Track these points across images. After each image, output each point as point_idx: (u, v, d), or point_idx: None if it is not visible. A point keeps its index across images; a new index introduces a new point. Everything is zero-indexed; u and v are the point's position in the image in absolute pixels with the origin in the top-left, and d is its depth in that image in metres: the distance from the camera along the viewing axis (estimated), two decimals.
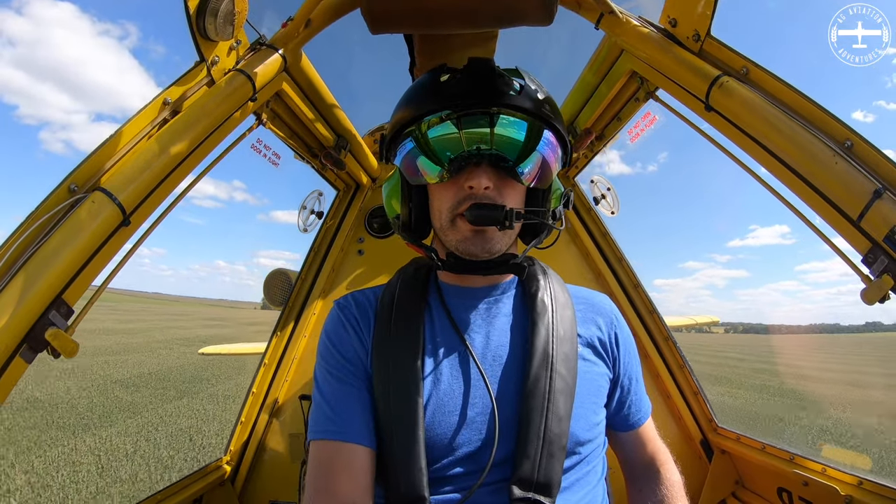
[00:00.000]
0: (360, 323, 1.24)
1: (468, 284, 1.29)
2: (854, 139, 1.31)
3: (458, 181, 1.17)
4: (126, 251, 1.40)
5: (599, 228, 2.96)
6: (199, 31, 1.46)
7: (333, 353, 1.21)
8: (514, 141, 1.16)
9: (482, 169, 1.14)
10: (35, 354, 1.17)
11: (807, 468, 2.14)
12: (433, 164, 1.17)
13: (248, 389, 2.83)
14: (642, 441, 1.39)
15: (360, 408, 1.13)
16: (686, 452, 2.79)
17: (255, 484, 2.82)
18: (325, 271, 2.96)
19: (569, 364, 1.17)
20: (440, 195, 1.21)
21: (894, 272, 1.21)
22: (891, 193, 1.22)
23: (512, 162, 1.15)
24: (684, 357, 2.77)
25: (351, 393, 1.15)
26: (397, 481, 1.05)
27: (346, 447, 1.08)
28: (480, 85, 1.19)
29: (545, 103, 1.21)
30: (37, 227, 1.22)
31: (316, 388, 1.21)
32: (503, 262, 1.24)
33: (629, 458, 1.41)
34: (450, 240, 1.20)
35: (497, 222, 1.12)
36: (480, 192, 1.14)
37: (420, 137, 1.19)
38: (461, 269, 1.25)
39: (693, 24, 1.55)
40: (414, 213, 1.28)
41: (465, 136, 1.14)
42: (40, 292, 1.15)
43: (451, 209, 1.18)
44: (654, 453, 1.39)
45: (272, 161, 2.15)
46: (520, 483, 1.04)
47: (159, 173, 1.39)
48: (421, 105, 1.21)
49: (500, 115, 1.15)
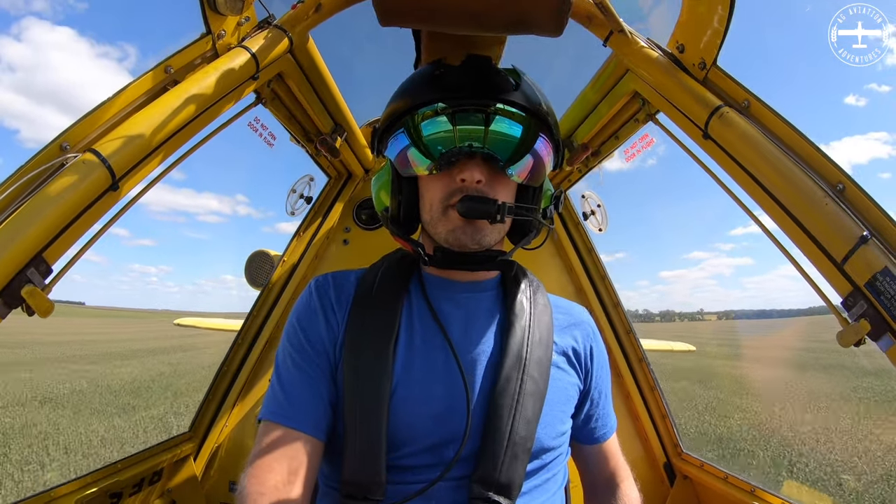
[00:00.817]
0: (334, 306, 1.22)
1: (450, 277, 1.28)
2: (846, 183, 1.33)
3: (450, 173, 1.16)
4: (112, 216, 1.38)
5: (586, 244, 2.98)
6: (209, 2, 1.45)
7: (298, 335, 1.19)
8: (508, 138, 1.15)
9: (475, 162, 1.14)
10: (9, 310, 1.15)
11: (766, 502, 2.17)
12: (423, 157, 1.17)
13: (220, 368, 2.81)
14: (605, 456, 1.38)
15: (314, 397, 1.11)
16: (649, 475, 2.81)
17: (217, 463, 2.81)
18: (308, 256, 2.94)
19: (541, 369, 1.16)
20: (431, 187, 1.19)
21: (872, 318, 1.23)
22: (877, 240, 1.23)
23: (504, 162, 1.15)
24: (656, 379, 2.80)
25: (307, 380, 1.13)
26: (355, 464, 1.04)
27: (289, 433, 1.06)
28: (478, 80, 1.18)
29: (541, 104, 1.21)
30: (24, 182, 1.21)
31: (275, 368, 1.19)
32: (490, 257, 1.23)
33: (591, 472, 1.40)
34: (440, 231, 1.19)
35: (489, 216, 1.11)
36: (472, 185, 1.13)
37: (413, 130, 1.19)
38: (448, 264, 1.23)
39: (700, 51, 1.57)
40: (403, 206, 1.26)
41: (458, 132, 1.13)
42: (20, 247, 1.13)
43: (443, 200, 1.16)
44: (615, 469, 1.39)
45: (267, 141, 2.14)
46: (481, 482, 1.04)
47: (153, 141, 1.37)
48: (416, 96, 1.20)
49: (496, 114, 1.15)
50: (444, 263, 1.23)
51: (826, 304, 1.41)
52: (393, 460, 1.06)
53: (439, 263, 1.23)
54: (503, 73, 1.22)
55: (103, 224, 1.38)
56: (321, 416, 1.10)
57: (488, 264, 1.24)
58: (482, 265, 1.24)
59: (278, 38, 1.69)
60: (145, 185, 1.46)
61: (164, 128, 1.38)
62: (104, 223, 1.38)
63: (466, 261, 1.22)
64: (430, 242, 1.26)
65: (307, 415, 1.09)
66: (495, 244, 1.23)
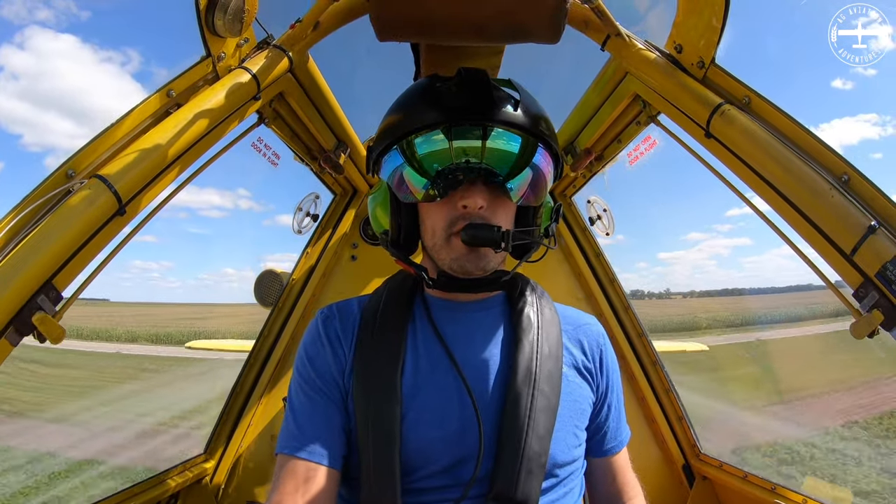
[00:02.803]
0: (340, 336, 1.22)
1: (455, 298, 1.27)
2: (851, 174, 1.33)
3: (451, 199, 1.14)
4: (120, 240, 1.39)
5: (593, 248, 2.97)
6: (208, 25, 1.47)
7: (308, 367, 1.19)
8: (506, 154, 1.14)
9: (476, 188, 1.12)
10: (21, 338, 1.16)
11: (787, 499, 2.14)
12: (419, 177, 1.15)
13: (233, 388, 2.81)
14: (612, 471, 1.34)
15: (327, 427, 1.12)
16: (667, 477, 2.78)
17: (233, 484, 2.80)
18: (316, 275, 2.95)
19: (552, 383, 1.14)
20: (433, 214, 1.18)
21: (885, 308, 1.22)
22: (885, 229, 1.23)
23: (503, 177, 1.13)
24: (671, 382, 2.77)
25: (319, 411, 1.13)
26: (371, 490, 1.04)
27: (305, 465, 1.06)
28: (476, 97, 1.16)
29: (539, 118, 1.20)
30: (31, 210, 1.22)
31: (288, 401, 1.20)
32: (494, 279, 1.22)
33: (597, 487, 1.36)
34: (443, 258, 1.18)
35: (493, 244, 1.10)
36: (475, 211, 1.12)
37: (407, 148, 1.17)
38: (452, 288, 1.23)
39: (698, 51, 1.57)
40: (403, 231, 1.25)
41: (454, 148, 1.12)
42: (30, 275, 1.14)
43: (446, 228, 1.15)
44: (622, 486, 1.34)
45: (271, 161, 2.15)
46: (497, 500, 1.03)
47: (158, 164, 1.38)
48: (412, 115, 1.19)
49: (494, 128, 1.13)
50: (448, 287, 1.23)
51: (837, 296, 1.41)
52: (408, 484, 1.06)
53: (444, 287, 1.23)
54: (499, 87, 1.20)
55: (112, 249, 1.39)
56: (336, 445, 1.11)
57: (493, 286, 1.24)
58: (486, 288, 1.23)
59: (278, 58, 1.70)
60: (152, 209, 1.47)
61: (168, 151, 1.39)
62: (113, 248, 1.39)
63: (471, 285, 1.21)
64: (433, 266, 1.24)
65: (322, 446, 1.09)
66: (499, 266, 1.22)
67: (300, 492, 1.03)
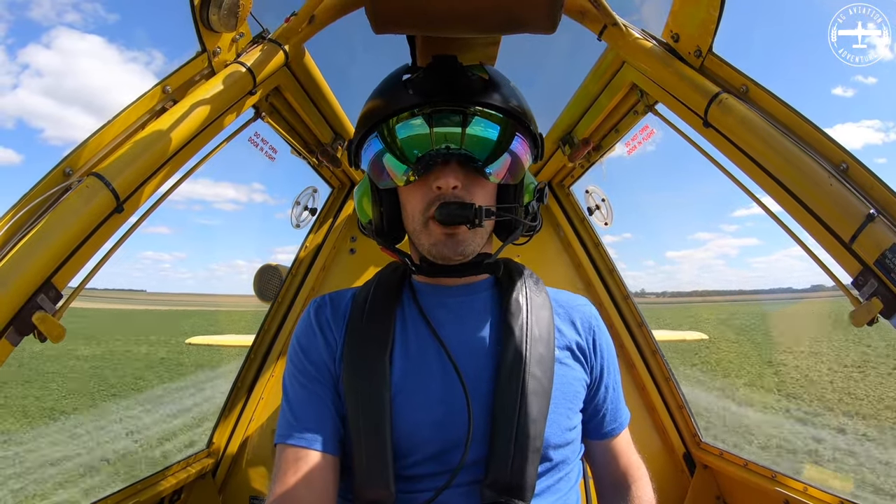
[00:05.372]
0: (331, 323, 1.23)
1: (441, 283, 1.28)
2: (850, 162, 1.32)
3: (426, 181, 1.15)
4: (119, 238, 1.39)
5: (592, 239, 2.96)
6: (203, 20, 1.46)
7: (301, 356, 1.21)
8: (485, 140, 1.15)
9: (450, 168, 1.13)
10: (21, 337, 1.16)
11: (789, 487, 2.15)
12: (400, 163, 1.16)
13: (234, 383, 2.82)
14: (615, 453, 1.34)
15: (322, 414, 1.13)
16: (668, 466, 2.79)
17: (236, 478, 2.82)
18: (315, 268, 2.95)
19: (544, 366, 1.14)
20: (410, 198, 1.19)
21: (884, 296, 1.22)
22: (884, 217, 1.23)
23: (481, 162, 1.15)
24: (671, 370, 2.78)
25: (314, 399, 1.15)
26: (364, 476, 1.05)
27: (305, 453, 1.08)
28: (452, 82, 1.18)
29: (515, 99, 1.21)
30: (29, 210, 1.22)
31: (283, 391, 1.21)
32: (476, 263, 1.23)
33: (599, 470, 1.37)
34: (423, 243, 1.19)
35: (467, 221, 1.10)
36: (448, 191, 1.12)
37: (388, 135, 1.18)
38: (435, 273, 1.24)
39: (695, 39, 1.56)
40: (386, 218, 1.27)
41: (435, 134, 1.13)
42: (29, 275, 1.14)
43: (423, 212, 1.16)
44: (626, 468, 1.34)
45: (268, 155, 2.14)
46: (492, 486, 1.03)
47: (155, 161, 1.38)
48: (390, 100, 1.20)
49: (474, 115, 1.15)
50: (431, 272, 1.24)
51: (837, 284, 1.41)
52: (401, 470, 1.07)
53: (427, 273, 1.25)
54: (474, 72, 1.23)
55: (111, 246, 1.39)
56: (332, 431, 1.12)
57: (476, 269, 1.24)
58: (470, 272, 1.24)
59: (273, 52, 1.69)
60: (150, 206, 1.46)
61: (165, 147, 1.39)
62: (112, 245, 1.39)
63: (453, 269, 1.22)
64: (417, 251, 1.26)
65: (319, 433, 1.10)
66: (480, 249, 1.23)
67: (301, 480, 1.04)
